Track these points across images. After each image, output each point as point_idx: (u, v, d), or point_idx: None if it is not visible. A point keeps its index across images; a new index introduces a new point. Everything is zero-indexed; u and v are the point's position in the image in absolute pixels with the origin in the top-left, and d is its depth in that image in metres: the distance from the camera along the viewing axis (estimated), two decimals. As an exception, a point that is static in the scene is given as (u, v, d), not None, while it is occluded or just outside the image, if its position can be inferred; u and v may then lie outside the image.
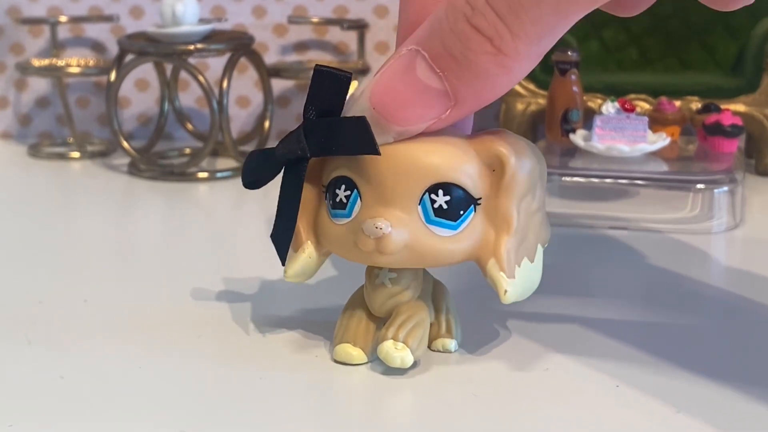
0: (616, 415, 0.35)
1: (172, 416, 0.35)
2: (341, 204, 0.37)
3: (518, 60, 0.34)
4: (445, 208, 0.37)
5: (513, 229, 0.37)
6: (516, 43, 0.34)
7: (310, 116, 0.37)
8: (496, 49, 0.34)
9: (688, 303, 0.46)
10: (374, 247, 0.36)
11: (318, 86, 0.37)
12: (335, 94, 0.37)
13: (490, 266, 0.37)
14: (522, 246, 0.38)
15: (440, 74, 0.35)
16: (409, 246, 0.37)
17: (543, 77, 0.69)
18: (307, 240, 0.39)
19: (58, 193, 0.68)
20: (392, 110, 0.36)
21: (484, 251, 0.37)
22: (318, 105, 0.37)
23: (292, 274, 0.39)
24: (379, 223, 0.36)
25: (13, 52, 0.78)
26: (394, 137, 0.36)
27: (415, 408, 0.37)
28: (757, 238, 0.56)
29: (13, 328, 0.42)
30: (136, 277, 0.50)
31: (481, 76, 0.34)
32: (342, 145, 0.36)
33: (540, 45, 0.34)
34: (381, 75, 0.36)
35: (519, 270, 0.37)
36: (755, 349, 0.41)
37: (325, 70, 0.37)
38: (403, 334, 0.37)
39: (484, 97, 0.35)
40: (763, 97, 0.67)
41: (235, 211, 0.65)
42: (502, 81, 0.35)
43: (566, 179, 0.59)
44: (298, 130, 0.37)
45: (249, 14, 0.77)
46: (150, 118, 0.78)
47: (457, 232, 0.37)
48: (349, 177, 0.37)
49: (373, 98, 0.36)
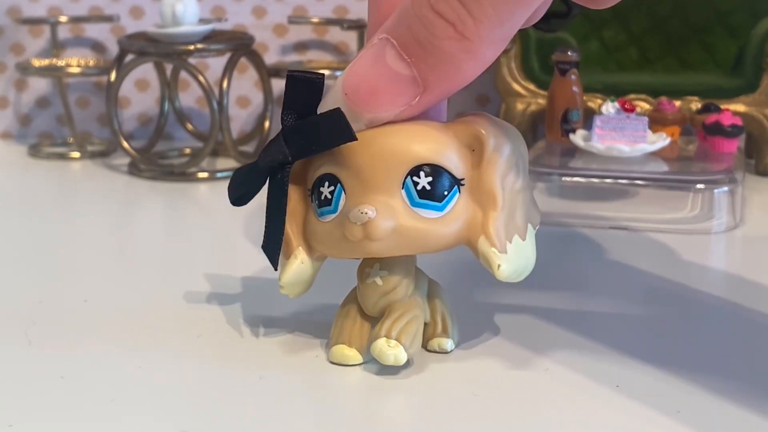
0: (616, 415, 0.35)
1: (172, 416, 0.35)
2: (326, 201, 0.38)
3: (481, 44, 0.35)
4: (428, 189, 0.37)
5: (499, 205, 0.37)
6: (478, 28, 0.34)
7: (287, 122, 0.38)
8: (459, 34, 0.34)
9: (687, 303, 0.46)
10: (362, 234, 0.36)
11: (293, 92, 0.38)
12: (310, 98, 0.37)
13: (481, 243, 0.37)
14: (511, 223, 0.38)
15: (408, 61, 0.36)
16: (396, 231, 0.37)
17: (543, 77, 0.69)
18: (298, 246, 0.39)
19: (58, 193, 0.68)
20: (363, 97, 0.37)
21: (473, 231, 0.37)
22: (295, 110, 0.38)
23: (287, 282, 0.39)
24: (363, 208, 0.36)
25: (13, 52, 0.78)
26: (366, 124, 0.37)
27: (411, 408, 0.37)
28: (757, 238, 0.56)
29: (13, 329, 0.42)
30: (136, 277, 0.50)
31: (446, 61, 0.35)
32: (321, 141, 0.37)
33: (503, 29, 0.35)
34: (354, 63, 0.37)
35: (510, 246, 0.37)
36: (755, 349, 0.41)
37: (298, 76, 0.38)
38: (396, 332, 0.37)
39: (452, 83, 0.36)
40: (763, 97, 0.67)
41: (235, 211, 0.65)
42: (469, 66, 0.35)
43: (566, 179, 0.59)
44: (278, 138, 0.38)
45: (249, 14, 0.77)
46: (150, 118, 0.78)
47: (444, 214, 0.37)
48: (331, 173, 0.38)
49: (346, 86, 0.37)
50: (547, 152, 0.63)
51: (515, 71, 0.70)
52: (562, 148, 0.63)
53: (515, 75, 0.70)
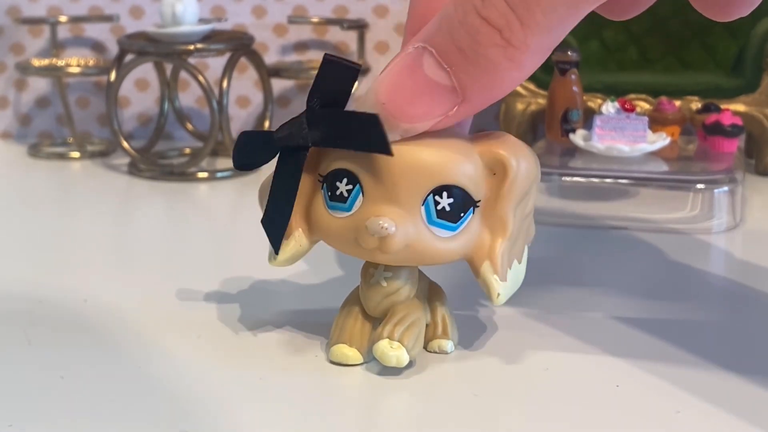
0: (616, 415, 0.35)
1: (172, 416, 0.35)
2: (341, 197, 0.37)
3: (528, 53, 0.34)
4: (447, 210, 0.37)
5: (509, 234, 0.37)
6: (526, 35, 0.33)
7: (314, 105, 0.37)
8: (506, 41, 0.33)
9: (688, 303, 0.46)
10: (377, 245, 0.36)
11: (325, 75, 0.36)
12: (342, 85, 0.36)
13: (484, 269, 0.37)
14: (514, 249, 0.38)
15: (448, 70, 0.34)
16: (409, 246, 0.37)
17: (543, 77, 0.69)
18: (298, 227, 0.39)
19: (58, 193, 0.68)
20: (400, 107, 0.35)
21: (478, 252, 0.37)
22: (323, 94, 0.36)
23: (282, 261, 0.39)
24: (384, 222, 0.36)
25: (13, 52, 0.78)
26: (401, 135, 0.36)
27: (412, 409, 0.37)
28: (757, 238, 0.56)
29: (13, 328, 0.42)
30: (135, 277, 0.50)
31: (489, 70, 0.34)
32: (350, 139, 0.36)
33: (550, 38, 0.34)
34: (388, 72, 0.36)
35: (510, 273, 0.38)
36: (756, 348, 0.41)
37: (334, 60, 0.36)
38: (399, 333, 0.37)
39: (492, 93, 0.35)
40: (763, 97, 0.67)
41: (235, 211, 0.65)
42: (512, 76, 0.34)
43: (566, 179, 0.59)
44: (301, 118, 0.37)
45: (249, 14, 0.77)
46: (150, 118, 0.78)
47: (455, 233, 0.37)
48: (352, 171, 0.37)
49: (381, 94, 0.36)
50: (547, 152, 0.63)
51: (515, 71, 0.70)
52: (562, 148, 0.63)
53: (515, 75, 0.70)
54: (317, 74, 0.36)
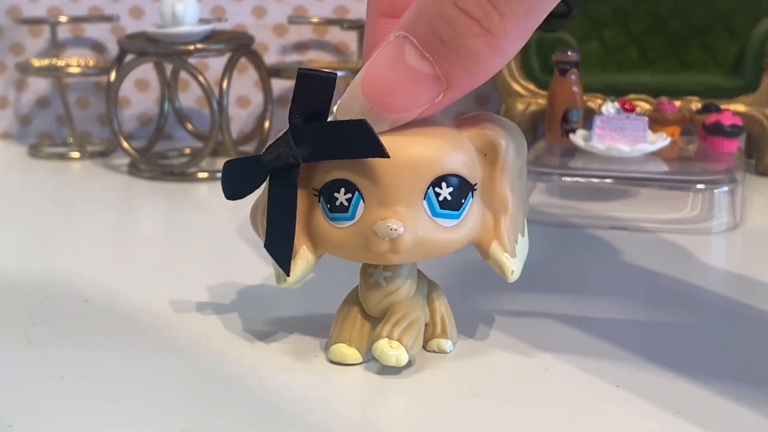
0: (616, 415, 0.35)
1: (172, 416, 0.35)
2: (342, 208, 0.37)
3: (508, 39, 0.34)
4: (449, 199, 0.37)
5: (510, 210, 0.38)
6: (504, 23, 0.34)
7: (296, 121, 0.37)
8: (485, 30, 0.34)
9: (687, 303, 0.46)
10: (388, 248, 0.36)
11: (303, 90, 0.36)
12: (321, 97, 0.36)
13: (494, 249, 0.38)
14: (516, 224, 0.38)
15: (430, 59, 0.35)
16: (419, 242, 0.37)
17: (543, 77, 0.69)
18: (302, 245, 0.38)
19: (58, 193, 0.68)
20: (385, 98, 0.36)
21: (484, 235, 0.38)
22: (304, 108, 0.36)
23: (293, 281, 0.38)
24: (392, 224, 0.36)
25: (13, 52, 0.78)
26: (389, 125, 0.36)
27: (411, 408, 0.37)
28: (757, 238, 0.56)
29: (13, 328, 0.42)
30: (136, 277, 0.50)
31: (471, 58, 0.34)
32: (342, 149, 0.36)
33: (528, 23, 0.34)
34: (370, 64, 0.36)
35: (517, 248, 0.38)
36: (755, 348, 0.41)
37: (309, 73, 0.36)
38: (398, 333, 0.37)
39: (475, 79, 0.35)
40: (763, 97, 0.67)
41: (235, 211, 0.65)
42: (493, 61, 0.35)
43: (566, 179, 0.59)
44: (286, 137, 0.37)
45: (249, 14, 0.77)
46: (150, 118, 0.78)
47: (459, 220, 0.37)
48: (348, 180, 0.37)
49: (364, 87, 0.36)
50: (547, 152, 0.63)
51: (515, 71, 0.70)
52: (562, 148, 0.63)
53: (515, 75, 0.70)
54: (294, 90, 0.36)
